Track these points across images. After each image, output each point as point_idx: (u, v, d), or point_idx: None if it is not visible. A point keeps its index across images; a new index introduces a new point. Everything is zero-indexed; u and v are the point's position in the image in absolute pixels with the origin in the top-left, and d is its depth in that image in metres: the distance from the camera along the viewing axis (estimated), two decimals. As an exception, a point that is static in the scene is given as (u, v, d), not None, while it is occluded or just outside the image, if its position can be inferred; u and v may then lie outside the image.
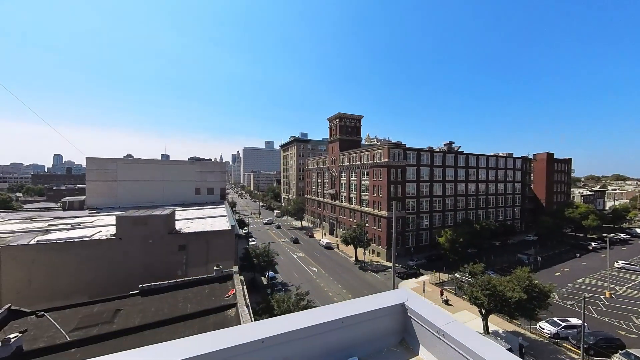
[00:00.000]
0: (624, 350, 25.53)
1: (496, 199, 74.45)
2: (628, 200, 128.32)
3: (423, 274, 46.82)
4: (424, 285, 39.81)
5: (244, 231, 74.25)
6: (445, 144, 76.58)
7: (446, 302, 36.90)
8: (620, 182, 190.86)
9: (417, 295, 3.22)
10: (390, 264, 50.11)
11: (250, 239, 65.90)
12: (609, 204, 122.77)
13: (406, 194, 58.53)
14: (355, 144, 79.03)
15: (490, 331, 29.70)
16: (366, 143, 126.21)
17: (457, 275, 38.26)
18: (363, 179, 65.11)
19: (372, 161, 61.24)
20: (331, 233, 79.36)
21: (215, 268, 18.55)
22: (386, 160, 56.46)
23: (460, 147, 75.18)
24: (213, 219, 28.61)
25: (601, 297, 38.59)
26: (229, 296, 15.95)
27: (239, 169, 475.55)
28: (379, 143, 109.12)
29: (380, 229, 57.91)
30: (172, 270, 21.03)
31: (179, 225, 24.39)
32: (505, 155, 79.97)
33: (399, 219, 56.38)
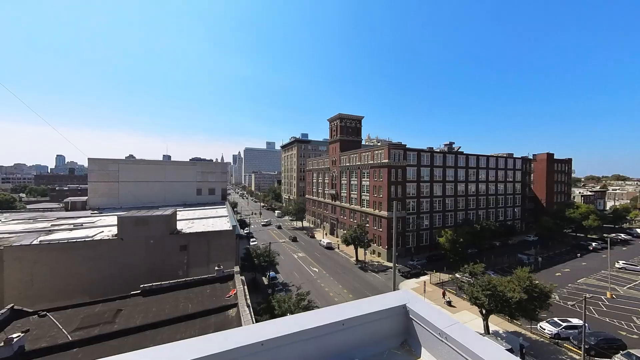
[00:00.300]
0: (625, 351, 25.52)
1: (496, 199, 74.36)
2: (628, 201, 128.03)
3: (427, 274, 46.85)
4: (425, 285, 39.85)
5: (245, 231, 74.40)
6: (445, 145, 76.52)
7: (449, 303, 36.79)
8: (620, 182, 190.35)
9: (418, 296, 3.20)
10: (390, 264, 50.15)
11: (251, 239, 66.00)
12: (609, 204, 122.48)
13: (406, 194, 58.54)
14: (355, 145, 79.07)
15: (490, 331, 29.71)
16: (366, 143, 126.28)
17: (457, 275, 38.30)
18: (363, 179, 65.14)
19: (372, 161, 61.28)
20: (332, 233, 79.41)
21: (216, 268, 18.64)
22: (386, 160, 56.49)
23: (460, 147, 75.13)
24: (214, 219, 28.73)
25: (602, 297, 38.55)
26: (230, 296, 16.04)
27: (240, 170, 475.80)
28: (379, 143, 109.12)
29: (380, 229, 57.94)
30: (173, 270, 21.14)
31: (180, 226, 24.51)
32: (505, 155, 79.90)
33: (400, 219, 56.38)
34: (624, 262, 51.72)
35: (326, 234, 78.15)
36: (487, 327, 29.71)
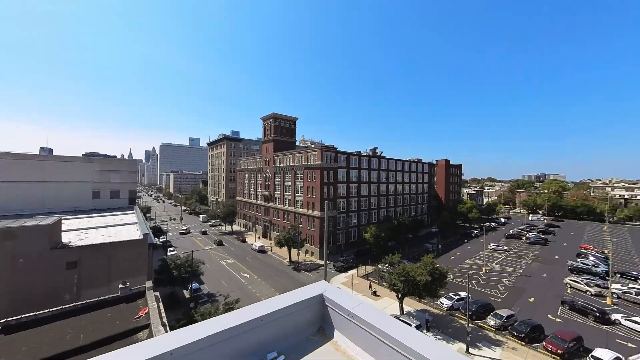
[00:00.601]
0: (494, 312, 33.35)
1: (410, 197, 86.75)
2: (496, 197, 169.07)
3: (360, 266, 50.87)
4: (352, 278, 42.94)
5: (161, 240, 65.02)
6: (370, 149, 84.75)
7: (374, 293, 40.57)
8: (492, 183, 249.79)
9: (335, 286, 3.46)
10: (323, 262, 52.09)
11: (170, 249, 58.12)
12: (485, 200, 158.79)
13: (337, 194, 62.05)
14: (290, 145, 79.29)
15: (405, 312, 34.20)
16: (301, 145, 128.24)
17: (379, 266, 42.66)
18: (297, 180, 65.84)
19: (306, 163, 62.58)
20: (265, 236, 77.29)
21: (120, 286, 15.56)
22: (319, 162, 58.62)
23: (382, 152, 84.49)
24: (118, 228, 23.99)
25: (480, 272, 49.45)
26: (140, 317, 13.61)
27: (155, 168, 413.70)
28: (312, 145, 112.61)
29: (313, 229, 59.61)
30: (56, 294, 16.63)
31: (68, 237, 19.49)
32: (416, 160, 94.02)
33: (331, 219, 59.27)
34: (494, 244, 67.78)
35: (259, 238, 75.55)
36: (402, 309, 34.09)
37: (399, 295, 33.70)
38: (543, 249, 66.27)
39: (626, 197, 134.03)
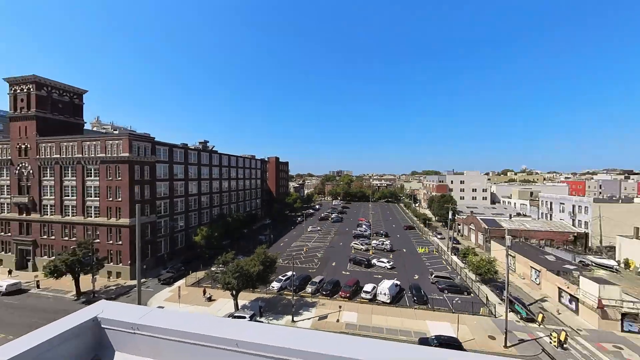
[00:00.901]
0: (311, 281, 41.15)
1: (244, 193, 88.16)
2: (314, 189, 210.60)
3: (190, 274, 44.91)
4: (179, 290, 37.33)
5: None
6: (200, 142, 77.00)
7: (209, 299, 37.38)
8: (311, 177, 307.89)
9: (117, 302, 2.88)
10: (135, 283, 41.19)
11: None
12: (306, 191, 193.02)
13: (157, 195, 51.16)
14: (73, 129, 55.11)
15: (240, 307, 34.35)
16: (95, 129, 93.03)
17: (212, 269, 39.99)
18: (89, 178, 47.45)
19: (104, 155, 46.29)
20: (23, 267, 49.64)
21: None
22: (127, 154, 45.34)
23: (214, 146, 79.35)
24: None
25: (302, 251, 59.41)
26: None
27: None
28: (116, 132, 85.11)
29: (120, 243, 45.58)
30: None
31: None
32: (250, 157, 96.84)
33: (148, 225, 48.03)
34: (311, 226, 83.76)
35: (9, 272, 47.41)
36: (237, 305, 33.99)
37: (234, 293, 33.31)
38: (341, 225, 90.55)
39: (378, 184, 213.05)
